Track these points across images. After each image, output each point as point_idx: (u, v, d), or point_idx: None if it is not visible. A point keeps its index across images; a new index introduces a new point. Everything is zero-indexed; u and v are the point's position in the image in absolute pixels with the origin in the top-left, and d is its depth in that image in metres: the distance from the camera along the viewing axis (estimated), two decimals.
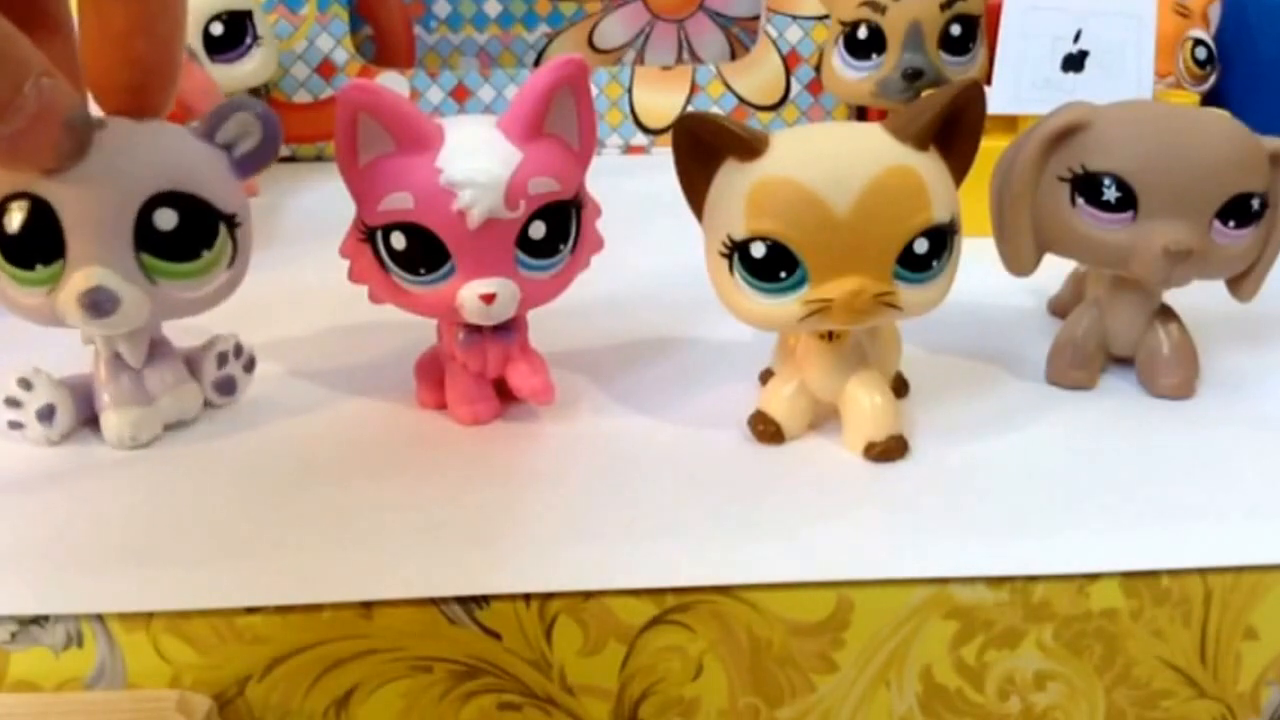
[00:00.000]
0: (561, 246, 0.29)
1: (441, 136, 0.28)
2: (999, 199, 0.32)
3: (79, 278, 0.27)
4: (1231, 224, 0.30)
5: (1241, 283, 0.32)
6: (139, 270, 0.27)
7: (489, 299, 0.28)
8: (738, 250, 0.27)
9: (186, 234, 0.28)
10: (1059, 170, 0.31)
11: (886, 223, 0.26)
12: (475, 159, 0.27)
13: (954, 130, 0.27)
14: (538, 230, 0.28)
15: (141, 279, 0.27)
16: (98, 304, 0.27)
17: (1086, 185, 0.30)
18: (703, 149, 0.28)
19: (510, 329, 0.31)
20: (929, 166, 0.27)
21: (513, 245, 0.28)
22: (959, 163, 0.28)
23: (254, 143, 0.29)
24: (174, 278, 0.28)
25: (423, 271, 0.28)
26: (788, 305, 0.27)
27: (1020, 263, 0.32)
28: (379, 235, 0.28)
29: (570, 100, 0.29)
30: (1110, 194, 0.30)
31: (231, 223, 0.29)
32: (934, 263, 0.27)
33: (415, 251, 0.28)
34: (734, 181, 0.27)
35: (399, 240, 0.28)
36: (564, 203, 0.29)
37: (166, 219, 0.27)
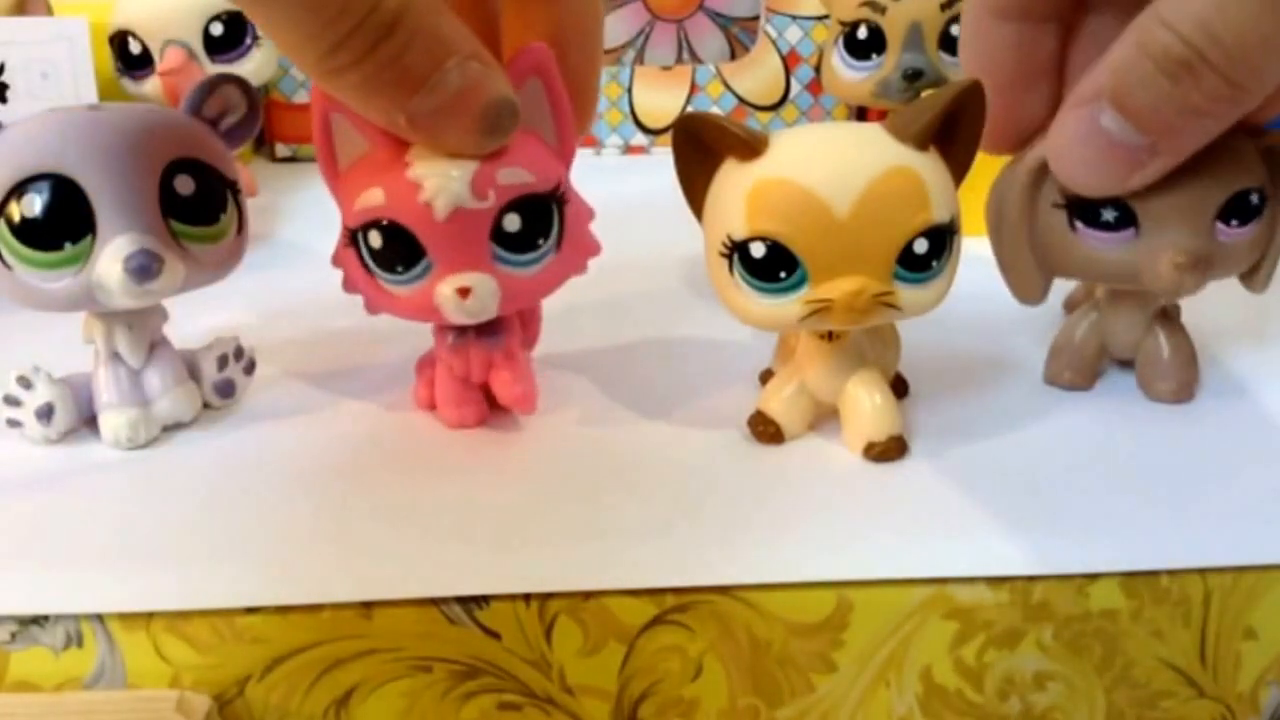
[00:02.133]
0: (541, 241, 0.29)
1: None
2: (996, 232, 0.32)
3: (117, 245, 0.27)
4: (1234, 223, 0.30)
5: (1254, 275, 0.32)
6: (170, 235, 0.28)
7: (465, 292, 0.28)
8: (737, 250, 0.27)
9: (204, 198, 0.29)
10: (1052, 198, 0.30)
11: (886, 223, 0.26)
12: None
13: (954, 130, 0.27)
14: (512, 223, 0.28)
15: (173, 243, 0.28)
16: (145, 266, 0.27)
17: (1083, 209, 0.30)
18: (702, 149, 0.28)
19: (495, 333, 0.30)
20: (929, 167, 0.27)
21: (487, 238, 0.28)
22: (959, 163, 0.28)
23: (239, 115, 0.30)
24: (199, 241, 0.29)
25: (400, 270, 0.28)
26: (788, 305, 0.27)
27: (1028, 291, 0.32)
28: (359, 237, 0.28)
29: (540, 92, 0.29)
30: (1108, 214, 0.29)
31: (234, 189, 0.30)
32: (934, 263, 0.27)
33: (391, 249, 0.28)
34: (733, 182, 0.27)
35: (375, 239, 0.28)
36: (540, 195, 0.28)
37: (185, 184, 0.28)
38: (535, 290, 0.30)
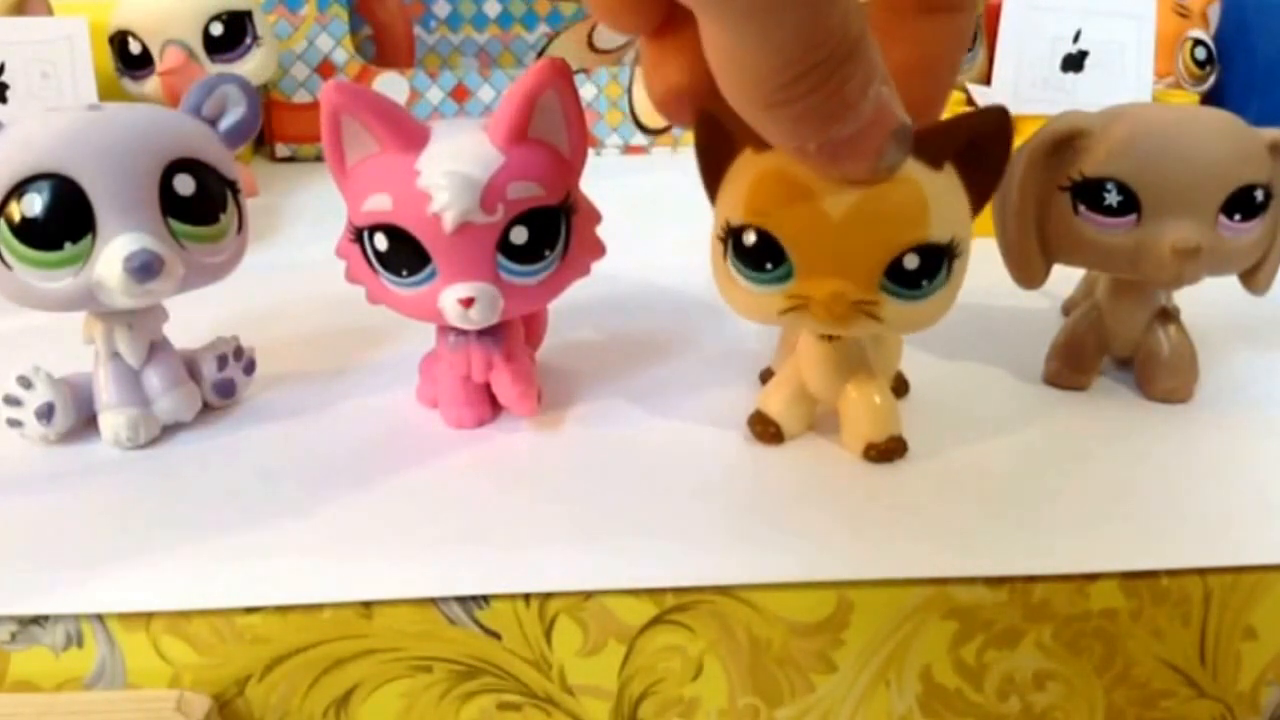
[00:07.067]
0: (548, 252, 0.29)
1: (426, 138, 0.28)
2: (1001, 215, 0.32)
3: (118, 245, 0.27)
4: (1238, 217, 0.30)
5: (1255, 275, 0.32)
6: (170, 235, 0.28)
7: (467, 303, 0.28)
8: (732, 236, 0.27)
9: (204, 198, 0.29)
10: (1059, 180, 0.30)
11: (878, 231, 0.26)
12: (453, 162, 0.27)
13: (977, 154, 0.26)
14: (519, 235, 0.28)
15: (173, 243, 0.28)
16: (146, 265, 0.27)
17: (1087, 192, 0.30)
18: (723, 136, 0.27)
19: (496, 334, 0.30)
20: (939, 185, 0.26)
21: (493, 250, 0.28)
22: (981, 187, 0.26)
23: (239, 114, 0.30)
24: (198, 241, 0.29)
25: (405, 273, 0.28)
26: (771, 296, 0.26)
27: (1029, 276, 0.32)
28: (365, 236, 0.28)
29: (556, 104, 0.28)
30: (1112, 198, 0.30)
31: (234, 189, 0.30)
32: (924, 282, 0.26)
33: (397, 253, 0.28)
34: (744, 170, 0.27)
35: (381, 242, 0.28)
36: (549, 208, 0.28)
37: (185, 184, 0.28)
38: (540, 296, 0.30)
